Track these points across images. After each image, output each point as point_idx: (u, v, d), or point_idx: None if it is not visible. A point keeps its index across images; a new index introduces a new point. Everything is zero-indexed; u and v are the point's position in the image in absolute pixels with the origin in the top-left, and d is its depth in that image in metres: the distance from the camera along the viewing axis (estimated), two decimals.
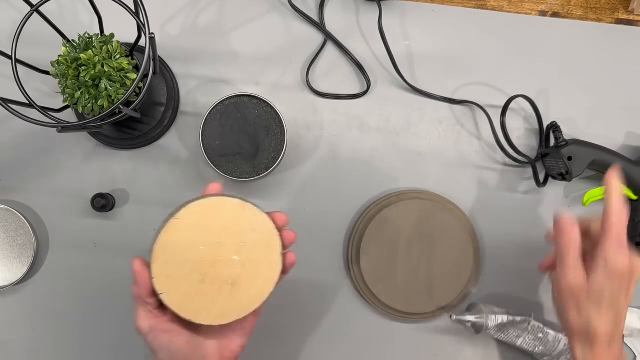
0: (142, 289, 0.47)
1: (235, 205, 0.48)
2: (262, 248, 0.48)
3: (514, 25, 0.71)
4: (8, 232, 0.67)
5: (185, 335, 0.49)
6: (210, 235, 0.47)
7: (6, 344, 0.69)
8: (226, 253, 0.47)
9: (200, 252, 0.47)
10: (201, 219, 0.47)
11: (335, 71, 0.70)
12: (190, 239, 0.47)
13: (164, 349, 0.48)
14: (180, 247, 0.47)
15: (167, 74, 0.68)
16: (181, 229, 0.47)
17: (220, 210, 0.47)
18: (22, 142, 0.69)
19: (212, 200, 0.47)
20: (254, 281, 0.48)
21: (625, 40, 0.71)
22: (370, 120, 0.70)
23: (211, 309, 0.48)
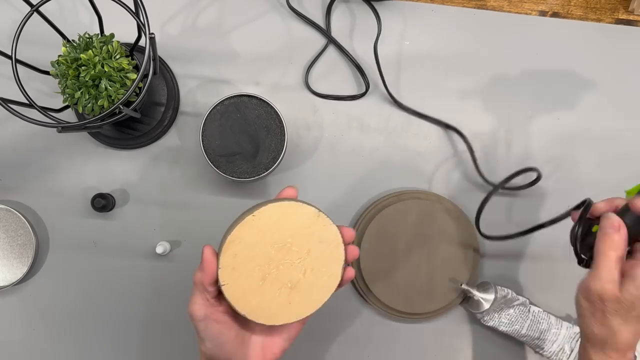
0: (207, 277, 0.48)
1: (311, 213, 0.49)
2: (326, 259, 0.49)
3: (514, 25, 0.71)
4: (8, 232, 0.67)
5: (235, 328, 0.50)
6: (280, 237, 0.48)
7: (6, 344, 0.69)
8: (291, 257, 0.49)
9: (267, 252, 0.48)
10: (276, 221, 0.48)
11: (335, 72, 0.70)
12: (262, 238, 0.48)
13: (212, 339, 0.49)
14: (250, 244, 0.47)
15: (167, 74, 0.68)
16: (256, 226, 0.47)
17: (295, 216, 0.48)
18: (22, 142, 0.69)
19: (291, 204, 0.48)
20: (312, 289, 0.49)
21: (625, 40, 0.71)
22: (370, 120, 0.70)
23: (267, 308, 0.49)
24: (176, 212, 0.69)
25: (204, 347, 0.50)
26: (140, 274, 0.69)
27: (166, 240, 0.68)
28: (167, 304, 0.69)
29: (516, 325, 0.66)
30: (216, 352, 0.49)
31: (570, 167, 0.71)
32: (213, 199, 0.69)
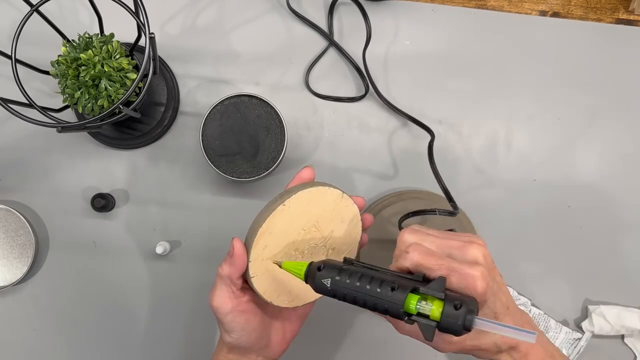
0: (237, 271, 0.48)
1: (336, 196, 0.49)
2: (347, 237, 0.50)
3: (514, 25, 0.71)
4: (8, 232, 0.67)
5: (259, 315, 0.51)
6: (307, 223, 0.48)
7: (6, 344, 0.69)
8: (316, 240, 0.49)
9: (295, 239, 0.48)
10: (305, 208, 0.48)
11: (335, 73, 0.70)
12: (291, 226, 0.48)
13: (239, 329, 0.49)
14: (280, 234, 0.47)
15: (167, 73, 0.68)
16: (286, 215, 0.47)
17: (322, 200, 0.49)
18: (22, 142, 0.69)
19: (319, 190, 0.48)
20: None
21: (625, 40, 0.71)
22: (370, 120, 0.70)
23: (291, 292, 0.50)
24: (176, 212, 0.69)
25: (230, 338, 0.50)
26: (140, 274, 0.69)
27: (166, 240, 0.68)
28: (167, 303, 0.69)
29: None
30: (243, 340, 0.50)
31: (570, 167, 0.71)
32: (213, 199, 0.69)
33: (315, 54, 0.70)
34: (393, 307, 0.40)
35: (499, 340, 0.44)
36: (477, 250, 0.44)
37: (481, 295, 0.41)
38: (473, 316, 0.38)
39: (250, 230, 0.48)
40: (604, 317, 0.68)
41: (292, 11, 0.69)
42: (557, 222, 0.70)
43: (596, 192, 0.70)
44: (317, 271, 0.43)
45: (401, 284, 0.40)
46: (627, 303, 0.70)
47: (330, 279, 0.42)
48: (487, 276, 0.42)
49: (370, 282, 0.41)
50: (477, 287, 0.41)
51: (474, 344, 0.45)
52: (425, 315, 0.39)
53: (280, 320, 0.54)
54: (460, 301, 0.38)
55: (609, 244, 0.70)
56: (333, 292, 0.43)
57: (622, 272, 0.70)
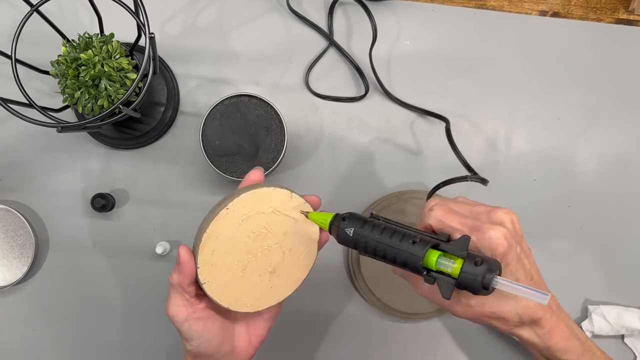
0: (186, 278, 0.47)
1: (284, 196, 0.48)
2: (302, 237, 0.49)
3: (514, 25, 0.71)
4: (8, 232, 0.67)
5: (218, 321, 0.50)
6: (256, 225, 0.47)
7: (6, 344, 0.69)
8: (269, 242, 0.48)
9: (245, 242, 0.47)
10: (250, 210, 0.47)
11: (335, 73, 0.70)
12: (238, 229, 0.47)
13: (198, 337, 0.48)
14: (227, 237, 0.47)
15: (167, 73, 0.68)
16: (230, 219, 0.46)
17: (270, 200, 0.47)
18: (22, 142, 0.69)
19: (263, 190, 0.47)
20: (291, 269, 0.49)
21: (625, 40, 0.71)
22: (370, 120, 0.70)
23: (249, 296, 0.48)
24: (176, 212, 0.69)
25: (190, 346, 0.49)
26: (140, 274, 0.69)
27: (166, 240, 0.68)
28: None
29: None
30: (203, 348, 0.49)
31: (570, 167, 0.71)
32: (213, 199, 0.69)
33: (315, 54, 0.70)
34: (412, 259, 0.39)
35: (522, 310, 0.42)
36: (504, 215, 0.43)
37: (502, 256, 0.41)
38: (493, 275, 0.37)
39: (196, 236, 0.48)
40: (604, 317, 0.68)
41: (292, 11, 0.69)
42: (557, 222, 0.70)
43: (596, 192, 0.71)
44: (342, 221, 0.43)
45: (423, 238, 0.40)
46: (627, 303, 0.70)
47: (353, 228, 0.42)
48: (510, 238, 0.41)
49: (392, 234, 0.41)
50: (499, 247, 0.40)
51: (494, 310, 0.42)
52: (445, 274, 0.38)
53: (244, 324, 0.52)
54: (482, 259, 0.38)
55: (609, 243, 0.70)
56: (354, 242, 0.42)
57: (622, 272, 0.70)
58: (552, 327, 0.44)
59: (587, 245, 0.70)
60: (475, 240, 0.41)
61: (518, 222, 0.44)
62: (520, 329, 0.44)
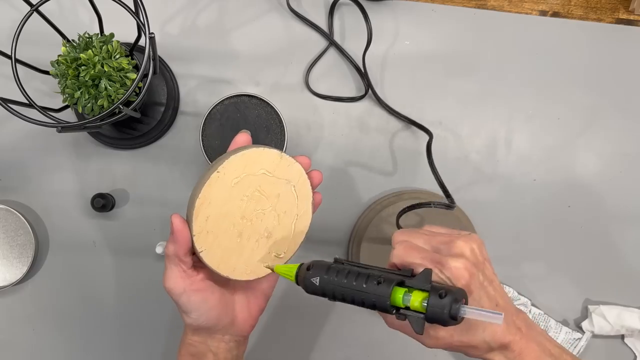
0: (182, 247, 0.46)
1: (274, 156, 0.47)
2: (296, 198, 0.48)
3: (514, 25, 0.71)
4: (8, 232, 0.67)
5: (217, 292, 0.49)
6: (249, 188, 0.46)
7: (6, 344, 0.69)
8: (263, 205, 0.47)
9: (239, 206, 0.46)
10: (241, 172, 0.46)
11: (336, 73, 0.70)
12: (231, 193, 0.46)
13: (196, 308, 0.48)
14: (220, 202, 0.45)
15: (167, 73, 0.68)
16: (222, 182, 0.45)
17: (259, 162, 0.46)
18: (22, 142, 0.69)
19: (252, 151, 0.46)
20: (287, 233, 0.49)
21: (625, 40, 0.71)
22: (370, 120, 0.70)
23: (247, 263, 0.48)
24: (176, 211, 0.69)
25: (190, 319, 0.49)
26: (140, 274, 0.69)
27: (166, 240, 0.68)
28: (167, 303, 0.69)
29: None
30: (203, 320, 0.49)
31: (570, 167, 0.71)
32: None
33: (315, 54, 0.70)
34: (380, 300, 0.40)
35: (489, 337, 0.43)
36: (463, 244, 0.44)
37: (465, 286, 0.41)
38: (460, 305, 0.38)
39: (189, 204, 0.46)
40: (604, 317, 0.68)
41: (292, 11, 0.69)
42: (557, 222, 0.70)
43: (596, 192, 0.71)
44: (306, 271, 0.43)
45: (387, 277, 0.41)
46: (627, 303, 0.70)
47: (319, 277, 0.43)
48: (472, 267, 0.42)
49: (357, 278, 0.41)
50: (461, 278, 0.41)
51: (462, 339, 0.44)
52: (414, 310, 0.39)
53: (244, 295, 0.52)
54: (446, 290, 0.38)
55: (609, 243, 0.70)
56: (322, 290, 0.43)
57: (622, 272, 0.70)
58: (522, 349, 0.44)
59: (587, 245, 0.70)
60: (439, 272, 0.42)
61: (479, 248, 0.45)
62: (491, 354, 0.45)
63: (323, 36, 0.70)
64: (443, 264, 0.42)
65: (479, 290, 0.43)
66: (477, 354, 0.45)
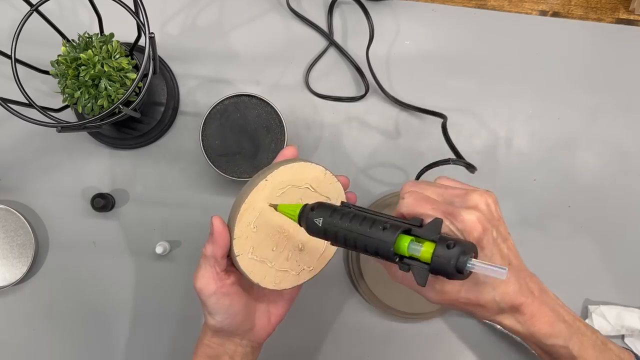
0: (220, 249, 0.46)
1: (319, 172, 0.48)
2: None
3: (514, 24, 0.71)
4: (8, 232, 0.67)
5: (244, 297, 0.50)
6: (291, 200, 0.47)
7: (6, 344, 0.69)
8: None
9: (279, 216, 0.47)
10: (287, 183, 0.47)
11: (335, 73, 0.70)
12: (275, 202, 0.47)
13: (223, 312, 0.49)
14: (264, 210, 0.47)
15: (167, 73, 0.68)
16: (269, 191, 0.46)
17: (305, 176, 0.48)
18: (21, 142, 0.69)
19: (300, 165, 0.47)
20: (318, 247, 0.49)
21: (625, 40, 0.71)
22: (370, 120, 0.70)
23: (277, 273, 0.48)
24: (176, 212, 0.69)
25: (214, 321, 0.49)
26: (140, 274, 0.69)
27: (166, 240, 0.68)
28: (167, 303, 0.69)
29: None
30: (227, 323, 0.49)
31: (570, 167, 0.70)
32: (213, 199, 0.69)
33: (315, 54, 0.70)
34: (383, 246, 0.38)
35: (500, 297, 0.41)
36: (478, 197, 0.41)
37: (477, 241, 0.39)
38: (467, 257, 0.35)
39: (233, 208, 0.47)
40: (604, 317, 0.68)
41: (293, 11, 0.69)
42: (557, 222, 0.70)
43: (596, 192, 0.70)
44: (310, 211, 0.42)
45: (394, 224, 0.38)
46: (627, 303, 0.70)
47: (322, 218, 0.41)
48: (485, 222, 0.40)
49: (362, 222, 0.39)
50: (473, 231, 0.39)
51: (469, 297, 0.41)
52: (419, 260, 0.37)
53: (266, 303, 0.53)
54: (454, 242, 0.36)
55: (609, 243, 0.70)
56: (325, 232, 0.41)
57: (622, 272, 0.70)
58: (533, 312, 0.42)
59: (587, 245, 0.70)
60: (449, 224, 0.39)
61: (495, 204, 0.42)
62: (500, 316, 0.42)
63: (323, 36, 0.70)
64: (455, 215, 0.39)
65: (491, 246, 0.40)
66: (485, 315, 0.43)
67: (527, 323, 0.43)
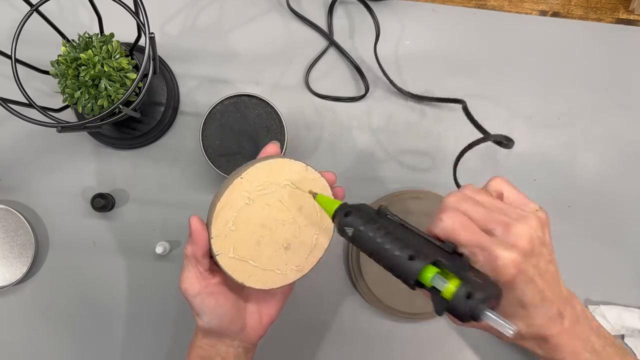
0: (199, 249, 0.46)
1: (299, 168, 0.47)
2: (318, 212, 0.48)
3: (514, 24, 0.71)
4: (8, 232, 0.67)
5: (231, 297, 0.49)
6: (271, 196, 0.46)
7: (6, 344, 0.69)
8: (284, 216, 0.47)
9: (260, 214, 0.46)
10: (265, 180, 0.46)
11: (335, 73, 0.70)
12: (252, 200, 0.46)
13: (209, 312, 0.48)
14: (241, 207, 0.46)
15: (167, 73, 0.68)
16: (245, 188, 0.46)
17: (284, 173, 0.47)
18: (22, 142, 0.69)
19: (277, 161, 0.47)
20: (305, 246, 0.48)
21: (625, 40, 0.71)
22: (370, 120, 0.70)
23: (263, 272, 0.48)
24: (176, 212, 0.69)
25: (202, 322, 0.49)
26: (140, 274, 0.69)
27: (166, 240, 0.68)
28: (167, 303, 0.69)
29: None
30: (214, 324, 0.49)
31: (570, 167, 0.70)
32: None
33: (316, 54, 0.70)
34: (406, 276, 0.37)
35: (524, 329, 0.40)
36: (522, 231, 0.38)
37: (508, 283, 0.38)
38: (484, 307, 0.35)
39: (210, 206, 0.47)
40: (604, 317, 0.68)
41: (293, 11, 0.69)
42: (557, 222, 0.70)
43: (596, 191, 0.71)
44: (344, 217, 0.41)
45: (422, 253, 0.37)
46: (627, 303, 0.70)
47: (353, 229, 0.40)
48: (522, 262, 0.38)
49: (392, 242, 0.39)
50: (504, 274, 0.37)
51: (492, 325, 0.39)
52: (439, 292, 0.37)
53: (256, 303, 0.52)
54: (477, 287, 0.35)
55: (609, 243, 0.70)
56: (352, 241, 0.41)
57: (622, 272, 0.70)
58: (559, 343, 0.41)
59: (587, 245, 0.70)
60: (482, 260, 0.38)
61: (543, 230, 0.40)
62: (523, 341, 0.42)
63: (323, 36, 0.70)
64: (491, 251, 0.37)
65: (524, 285, 0.38)
66: (506, 339, 0.43)
67: (550, 351, 0.42)
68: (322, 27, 0.70)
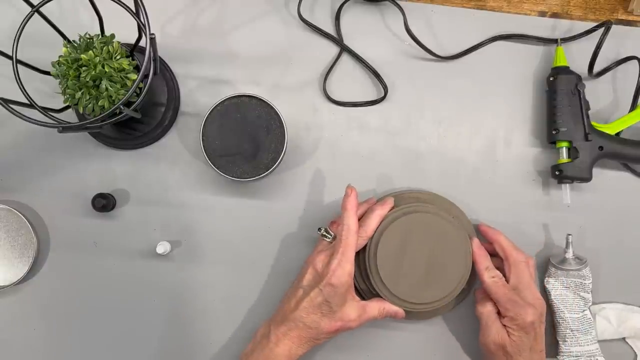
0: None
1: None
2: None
3: (514, 25, 0.71)
4: (9, 232, 0.67)
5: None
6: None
7: (6, 344, 0.69)
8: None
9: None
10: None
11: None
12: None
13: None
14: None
15: (167, 74, 0.68)
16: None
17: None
18: (22, 142, 0.69)
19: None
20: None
21: (624, 40, 0.71)
22: (370, 120, 0.70)
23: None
24: (176, 212, 0.69)
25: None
26: (140, 274, 0.69)
27: (166, 240, 0.69)
28: (167, 303, 0.69)
29: (565, 306, 0.67)
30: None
31: None
32: (213, 199, 0.69)
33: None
34: None
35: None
36: (528, 315, 0.60)
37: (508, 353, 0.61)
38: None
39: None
40: (607, 319, 0.68)
41: (302, 20, 0.69)
42: (557, 222, 0.71)
43: (596, 191, 0.71)
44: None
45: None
46: (628, 303, 0.70)
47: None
48: (517, 345, 0.60)
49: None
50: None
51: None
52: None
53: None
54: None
55: (609, 243, 0.70)
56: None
57: (622, 272, 0.70)
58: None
59: (587, 245, 0.70)
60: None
61: (541, 318, 0.61)
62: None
63: (323, 36, 0.70)
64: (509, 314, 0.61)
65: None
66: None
67: None
68: (322, 28, 0.70)
